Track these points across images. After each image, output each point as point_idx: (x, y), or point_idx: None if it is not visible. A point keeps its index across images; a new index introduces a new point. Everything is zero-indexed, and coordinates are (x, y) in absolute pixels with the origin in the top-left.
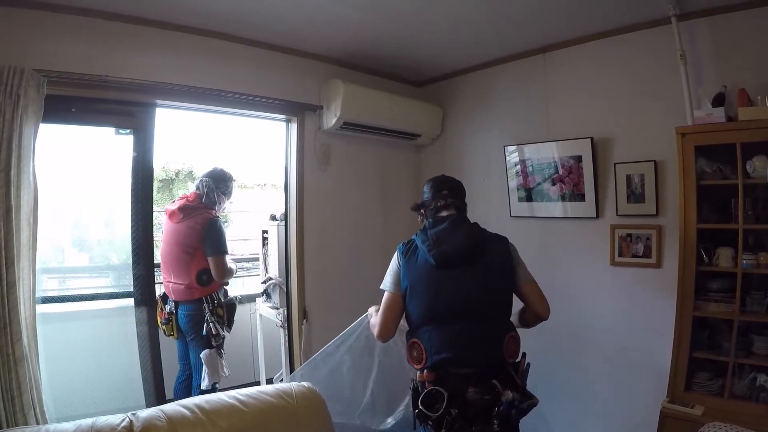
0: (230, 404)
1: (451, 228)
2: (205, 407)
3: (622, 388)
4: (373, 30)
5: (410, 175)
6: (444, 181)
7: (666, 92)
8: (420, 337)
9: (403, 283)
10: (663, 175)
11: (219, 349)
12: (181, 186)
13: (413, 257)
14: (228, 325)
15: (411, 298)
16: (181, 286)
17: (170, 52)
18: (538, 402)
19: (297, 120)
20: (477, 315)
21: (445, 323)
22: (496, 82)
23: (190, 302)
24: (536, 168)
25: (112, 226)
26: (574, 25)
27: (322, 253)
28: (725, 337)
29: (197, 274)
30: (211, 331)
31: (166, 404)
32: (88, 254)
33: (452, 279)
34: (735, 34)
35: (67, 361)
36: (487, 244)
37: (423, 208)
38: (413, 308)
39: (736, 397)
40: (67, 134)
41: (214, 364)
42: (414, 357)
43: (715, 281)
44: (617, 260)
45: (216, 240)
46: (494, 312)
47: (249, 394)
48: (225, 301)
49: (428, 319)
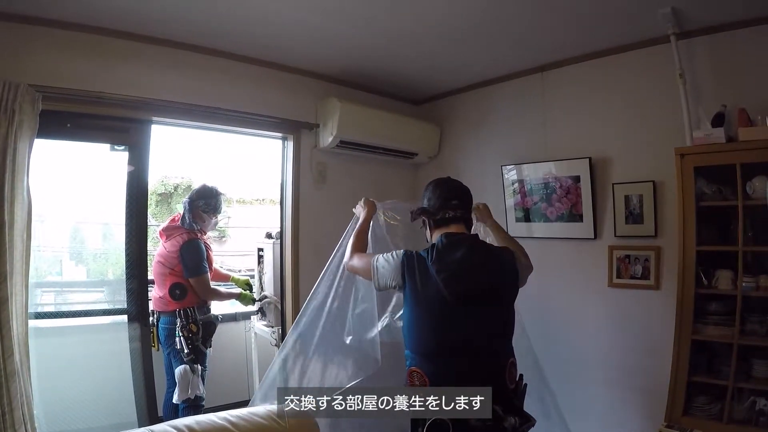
0: (221, 425)
1: (468, 257)
2: (195, 428)
3: (618, 411)
4: (369, 49)
5: (407, 194)
6: (453, 188)
7: (665, 112)
8: (422, 367)
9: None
10: (662, 196)
11: (193, 365)
12: (179, 200)
13: (423, 278)
14: (203, 343)
15: (414, 323)
16: (159, 297)
17: (166, 69)
18: (535, 422)
19: (293, 138)
20: (487, 352)
21: (453, 358)
22: (494, 101)
23: (167, 314)
24: (534, 188)
25: (108, 240)
26: (572, 44)
27: (318, 271)
28: (724, 361)
29: (170, 287)
30: (176, 345)
31: (156, 425)
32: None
33: (468, 318)
34: (735, 52)
35: (60, 377)
36: (501, 271)
37: (427, 215)
38: (416, 335)
39: (735, 422)
40: (63, 150)
41: (186, 381)
42: (417, 386)
43: (715, 304)
44: (615, 282)
45: (192, 261)
46: (502, 345)
47: (240, 415)
48: (203, 318)
49: (435, 353)
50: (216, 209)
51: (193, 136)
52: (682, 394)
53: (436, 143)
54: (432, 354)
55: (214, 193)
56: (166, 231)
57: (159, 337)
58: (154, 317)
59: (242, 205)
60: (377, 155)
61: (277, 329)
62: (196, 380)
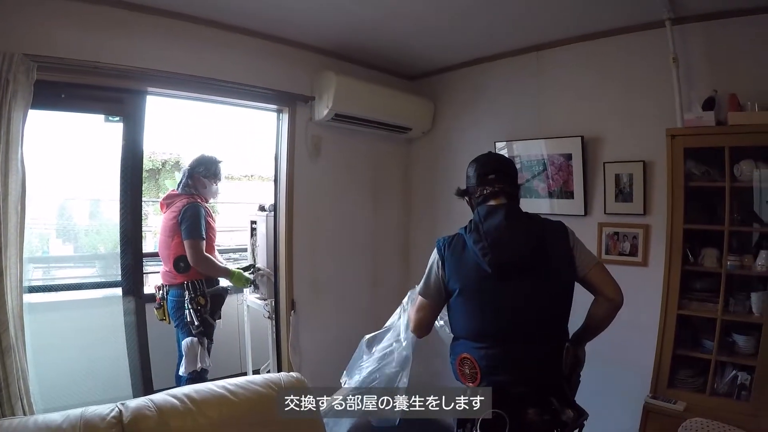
0: (219, 394)
1: (507, 225)
2: (195, 397)
3: (606, 383)
4: (366, 22)
5: (400, 168)
6: (489, 161)
7: (657, 94)
8: (472, 353)
9: (449, 285)
10: (651, 176)
11: (202, 337)
12: (167, 176)
13: (460, 256)
14: (212, 315)
15: (459, 307)
16: (166, 270)
17: (162, 40)
18: (588, 416)
19: (288, 110)
20: (538, 334)
21: (503, 343)
22: (489, 79)
23: (175, 287)
24: (525, 165)
25: (100, 215)
26: (568, 25)
27: (311, 244)
28: (708, 336)
29: (174, 260)
30: (186, 318)
31: (155, 394)
32: (74, 244)
33: (513, 294)
34: (728, 40)
35: (55, 352)
36: (548, 241)
37: (468, 195)
38: (462, 319)
39: (717, 394)
40: (56, 122)
41: (193, 353)
42: (467, 375)
43: (700, 281)
44: (604, 258)
45: (190, 224)
46: (556, 326)
47: (238, 384)
48: (211, 290)
49: (482, 336)
50: (216, 175)
51: (181, 113)
52: (667, 367)
53: (430, 118)
54: (479, 338)
55: (213, 161)
56: (167, 200)
57: (168, 311)
58: (163, 290)
59: (231, 181)
60: (372, 129)
61: (270, 302)
62: (204, 352)
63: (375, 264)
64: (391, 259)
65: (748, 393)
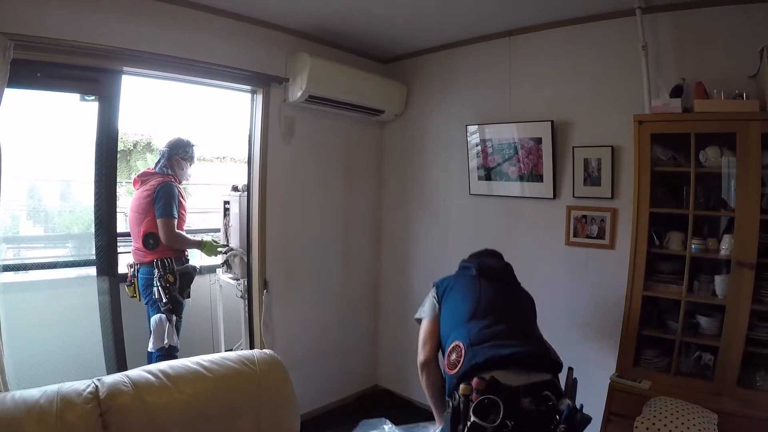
0: (194, 370)
1: (489, 255)
2: (170, 373)
3: (573, 362)
4: (341, 4)
5: (373, 151)
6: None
7: (626, 81)
8: (459, 335)
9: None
10: (619, 160)
11: (170, 314)
12: (139, 157)
13: (454, 279)
14: (180, 293)
15: (448, 302)
16: (136, 248)
17: (138, 20)
18: (591, 420)
19: (262, 92)
20: (517, 320)
21: (486, 317)
22: (461, 62)
23: (145, 265)
24: (496, 148)
25: (71, 196)
26: (541, 10)
27: (284, 224)
28: (673, 317)
29: (143, 237)
30: (153, 295)
31: (131, 370)
32: (45, 224)
33: (493, 287)
34: (696, 29)
35: (29, 332)
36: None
37: None
38: (451, 313)
39: (681, 374)
40: (31, 101)
41: (161, 329)
42: (452, 362)
43: (666, 263)
44: (572, 240)
45: (164, 202)
46: (530, 324)
47: (212, 360)
48: (180, 268)
49: (468, 317)
50: (192, 158)
51: (154, 94)
52: (632, 347)
53: (402, 101)
54: (466, 319)
55: (190, 144)
56: (142, 177)
57: (139, 289)
58: (134, 269)
59: (204, 162)
60: (345, 111)
61: (243, 281)
62: (171, 329)
63: (347, 244)
64: (363, 239)
65: (711, 372)
